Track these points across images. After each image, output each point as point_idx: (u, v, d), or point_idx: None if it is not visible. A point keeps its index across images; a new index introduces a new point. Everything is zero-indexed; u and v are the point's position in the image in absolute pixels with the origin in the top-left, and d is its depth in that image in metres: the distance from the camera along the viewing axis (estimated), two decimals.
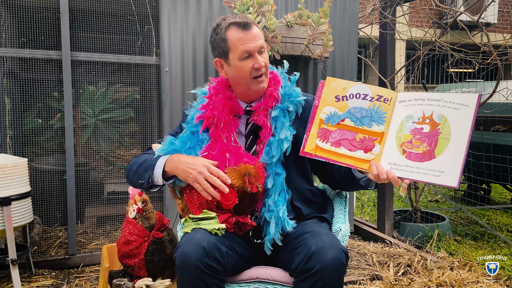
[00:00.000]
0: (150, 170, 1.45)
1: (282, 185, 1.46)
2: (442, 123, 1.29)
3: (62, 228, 3.00)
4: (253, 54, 1.46)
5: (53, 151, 3.01)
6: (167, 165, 1.43)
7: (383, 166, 1.32)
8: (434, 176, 1.27)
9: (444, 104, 1.30)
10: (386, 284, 2.45)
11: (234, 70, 1.49)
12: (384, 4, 3.42)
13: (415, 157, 1.30)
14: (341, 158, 1.37)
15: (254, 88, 1.50)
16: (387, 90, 1.39)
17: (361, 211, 4.42)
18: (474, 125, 1.27)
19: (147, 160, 1.49)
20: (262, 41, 1.48)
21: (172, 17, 2.73)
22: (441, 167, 1.26)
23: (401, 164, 1.32)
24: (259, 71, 1.47)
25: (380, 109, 1.37)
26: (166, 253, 1.68)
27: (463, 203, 4.54)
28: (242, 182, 1.36)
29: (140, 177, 1.47)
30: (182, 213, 1.49)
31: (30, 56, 2.60)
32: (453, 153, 1.26)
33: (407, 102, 1.35)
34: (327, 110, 1.41)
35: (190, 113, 1.58)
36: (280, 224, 1.41)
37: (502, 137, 3.48)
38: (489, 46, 2.95)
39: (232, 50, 1.47)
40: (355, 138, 1.38)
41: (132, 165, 1.54)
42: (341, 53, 3.22)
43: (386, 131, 1.36)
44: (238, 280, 1.39)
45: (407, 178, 1.29)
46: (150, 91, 2.94)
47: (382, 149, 1.35)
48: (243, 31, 1.45)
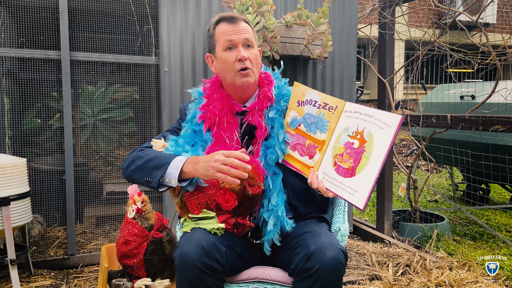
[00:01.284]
0: (162, 169, 1.36)
1: (280, 185, 1.46)
2: (369, 141, 1.26)
3: (61, 228, 3.00)
4: (237, 46, 1.46)
5: (52, 151, 3.01)
6: (186, 167, 1.35)
7: (318, 174, 1.34)
8: (349, 194, 1.26)
9: (374, 122, 1.26)
10: (385, 284, 2.45)
11: (219, 62, 1.51)
12: (383, 4, 3.42)
13: (342, 171, 1.30)
14: (294, 162, 1.42)
15: (238, 82, 1.48)
16: (334, 99, 1.37)
17: (360, 211, 4.42)
18: (392, 147, 1.23)
19: (158, 158, 1.41)
20: (249, 35, 1.48)
21: (171, 17, 2.73)
22: (356, 186, 1.25)
23: (330, 176, 1.32)
24: (242, 64, 1.45)
25: (324, 117, 1.37)
26: (165, 253, 1.68)
27: (462, 203, 4.54)
28: (241, 186, 1.36)
29: (147, 175, 1.39)
30: (181, 211, 1.48)
31: (29, 56, 2.60)
32: (368, 174, 1.23)
33: (349, 113, 1.33)
34: (291, 114, 1.46)
35: (189, 111, 1.56)
36: (279, 224, 1.42)
37: (501, 137, 3.48)
38: (488, 46, 2.95)
39: (217, 42, 1.49)
40: (305, 143, 1.41)
41: (135, 159, 1.46)
42: (340, 53, 3.22)
43: (328, 140, 1.35)
44: (237, 280, 1.39)
45: (331, 191, 1.30)
46: (149, 91, 2.94)
47: (321, 158, 1.36)
48: (228, 25, 1.47)
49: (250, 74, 1.47)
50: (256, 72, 1.51)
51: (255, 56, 1.49)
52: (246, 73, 1.46)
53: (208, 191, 1.39)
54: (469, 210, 4.24)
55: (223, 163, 1.28)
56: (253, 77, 1.49)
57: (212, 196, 1.38)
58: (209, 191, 1.39)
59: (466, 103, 3.83)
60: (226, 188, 1.36)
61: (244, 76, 1.47)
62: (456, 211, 4.25)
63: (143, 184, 1.43)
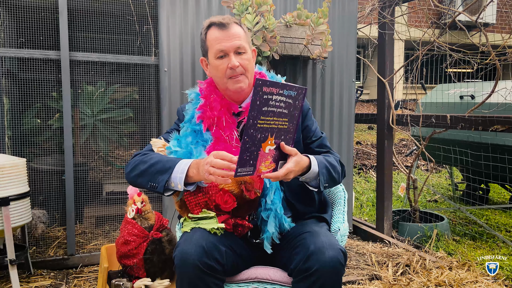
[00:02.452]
0: (167, 173, 1.34)
1: (277, 184, 1.47)
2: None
3: (60, 228, 3.00)
4: (228, 54, 1.46)
5: (52, 151, 3.01)
6: (191, 171, 1.33)
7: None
8: None
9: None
10: (385, 284, 2.45)
11: (212, 68, 1.52)
12: (382, 4, 3.42)
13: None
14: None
15: (231, 88, 1.49)
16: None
17: (360, 211, 4.42)
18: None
19: (161, 162, 1.38)
20: (241, 42, 1.47)
21: (171, 17, 2.73)
22: None
23: None
24: (234, 71, 1.46)
25: None
26: (165, 253, 1.68)
27: (461, 203, 4.54)
28: (239, 189, 1.36)
29: (152, 180, 1.37)
30: (180, 211, 1.48)
31: (28, 56, 2.60)
32: None
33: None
34: None
35: (187, 112, 1.56)
36: (278, 221, 1.42)
37: (501, 137, 3.48)
38: (487, 46, 2.95)
39: (209, 49, 1.50)
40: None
41: (138, 164, 1.44)
42: (340, 53, 3.22)
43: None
44: (237, 280, 1.40)
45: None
46: (149, 91, 2.94)
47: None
48: (219, 31, 1.47)
49: (243, 80, 1.48)
50: (250, 76, 1.51)
51: (247, 61, 1.49)
52: (239, 80, 1.47)
53: (208, 191, 1.39)
54: (469, 210, 4.24)
55: (211, 164, 1.25)
56: (246, 82, 1.50)
57: (212, 196, 1.38)
58: (209, 191, 1.39)
59: (465, 103, 3.84)
60: (225, 189, 1.36)
61: (236, 82, 1.47)
62: (455, 211, 4.25)
63: (148, 189, 1.40)
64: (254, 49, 1.61)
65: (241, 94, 1.52)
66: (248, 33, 1.59)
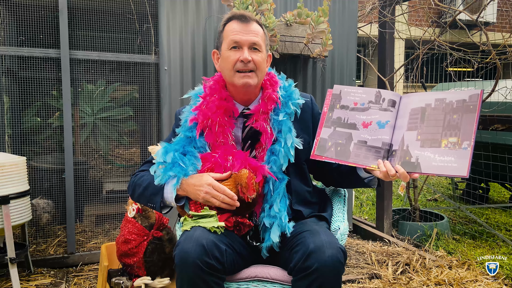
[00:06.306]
0: (159, 195, 1.40)
1: (283, 191, 1.45)
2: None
3: (61, 226, 3.00)
4: (242, 47, 1.42)
5: (52, 150, 3.00)
6: (179, 190, 1.39)
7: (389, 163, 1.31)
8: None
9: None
10: (384, 282, 2.45)
11: (222, 60, 1.48)
12: (383, 3, 3.42)
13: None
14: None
15: (237, 82, 1.43)
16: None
17: (360, 210, 4.42)
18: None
19: (151, 184, 1.42)
20: (258, 39, 1.43)
21: (171, 16, 2.73)
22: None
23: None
24: (244, 65, 1.41)
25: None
26: (165, 252, 1.69)
27: (461, 202, 4.54)
28: (236, 190, 1.36)
29: (149, 201, 1.44)
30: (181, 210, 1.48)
31: (28, 55, 2.60)
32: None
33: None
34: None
35: (183, 116, 1.51)
36: (281, 230, 1.41)
37: (501, 136, 3.48)
38: (488, 45, 2.95)
39: (224, 40, 1.47)
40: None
41: (135, 187, 1.49)
42: (340, 52, 3.22)
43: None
44: (237, 278, 1.40)
45: (415, 172, 1.27)
46: (149, 90, 2.94)
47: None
48: (239, 23, 1.44)
49: (252, 76, 1.43)
50: (260, 76, 1.47)
51: (260, 60, 1.44)
52: (246, 75, 1.42)
53: None
54: (469, 209, 4.24)
55: (214, 197, 1.33)
56: (255, 80, 1.44)
57: None
58: None
59: None
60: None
61: (242, 77, 1.42)
62: (455, 210, 4.26)
63: (151, 208, 1.49)
64: (270, 54, 1.57)
65: (247, 91, 1.47)
66: (267, 36, 1.54)
